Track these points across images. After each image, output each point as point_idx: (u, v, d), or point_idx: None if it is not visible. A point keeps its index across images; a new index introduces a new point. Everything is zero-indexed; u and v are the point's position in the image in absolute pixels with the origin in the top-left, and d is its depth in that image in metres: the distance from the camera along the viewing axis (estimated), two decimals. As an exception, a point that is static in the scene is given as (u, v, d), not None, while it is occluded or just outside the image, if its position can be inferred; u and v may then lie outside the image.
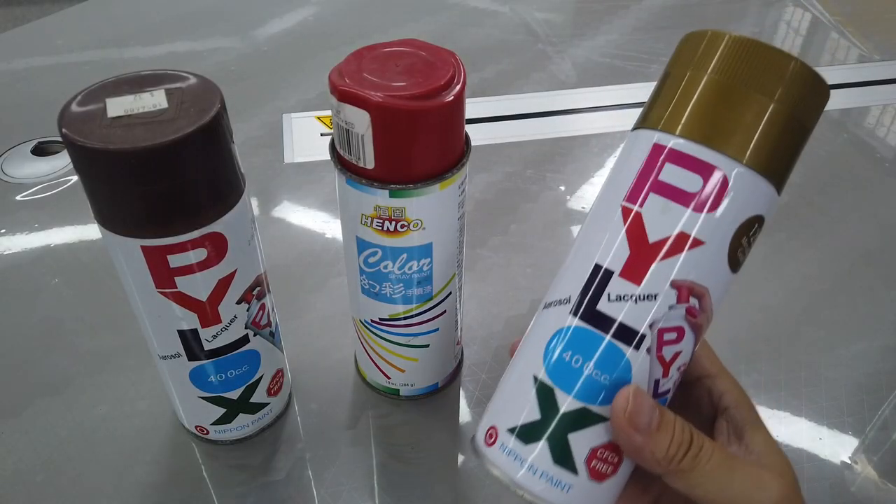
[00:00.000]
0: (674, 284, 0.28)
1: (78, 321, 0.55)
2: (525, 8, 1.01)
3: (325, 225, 0.64)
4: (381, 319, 0.43)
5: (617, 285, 0.28)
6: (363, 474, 0.45)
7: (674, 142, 0.28)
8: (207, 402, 0.42)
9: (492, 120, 0.78)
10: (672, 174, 0.28)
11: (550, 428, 0.28)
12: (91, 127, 0.31)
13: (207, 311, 0.38)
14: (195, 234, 0.34)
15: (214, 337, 0.39)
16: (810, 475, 0.45)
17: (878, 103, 0.82)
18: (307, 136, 0.74)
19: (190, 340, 0.39)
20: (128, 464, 0.45)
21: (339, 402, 0.49)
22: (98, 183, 0.33)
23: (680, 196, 0.28)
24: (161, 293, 0.36)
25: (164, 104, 0.33)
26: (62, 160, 0.70)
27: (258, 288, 0.40)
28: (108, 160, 0.31)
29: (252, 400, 0.44)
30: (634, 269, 0.28)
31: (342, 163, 0.37)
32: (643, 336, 0.28)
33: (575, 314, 0.29)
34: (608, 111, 0.80)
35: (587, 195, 0.67)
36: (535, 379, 0.29)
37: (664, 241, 0.28)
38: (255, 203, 0.65)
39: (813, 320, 0.56)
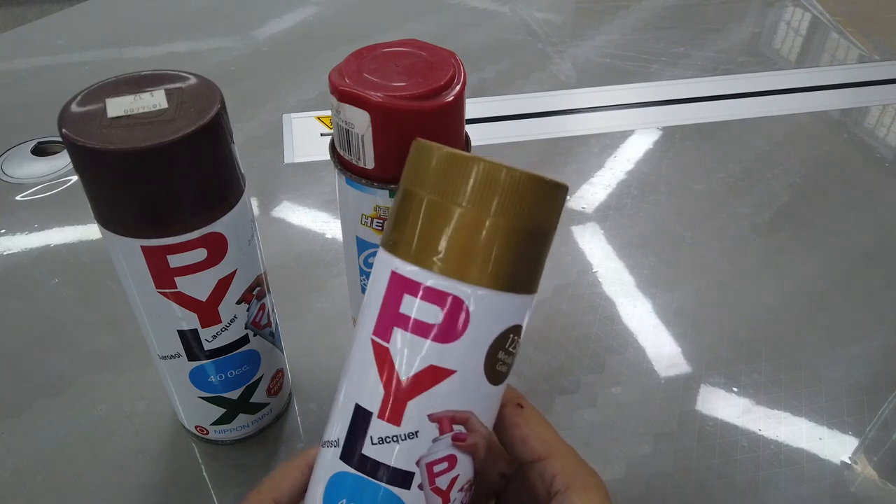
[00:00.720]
0: (432, 418, 0.26)
1: (78, 321, 0.55)
2: (525, 8, 1.01)
3: (325, 225, 0.64)
4: (380, 319, 0.43)
5: (377, 428, 0.27)
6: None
7: (407, 270, 0.26)
8: (207, 402, 0.42)
9: (492, 120, 0.78)
10: (411, 306, 0.26)
11: None
12: (91, 127, 0.31)
13: (207, 311, 0.38)
14: (195, 234, 0.34)
15: (214, 337, 0.39)
16: (810, 475, 0.45)
17: (878, 103, 0.82)
18: (307, 136, 0.74)
19: (190, 340, 0.39)
20: (128, 464, 0.45)
21: (339, 402, 0.49)
22: (98, 183, 0.33)
23: (421, 328, 0.26)
24: (161, 293, 0.36)
25: (164, 104, 0.33)
26: (62, 160, 0.70)
27: (258, 288, 0.40)
28: (108, 160, 0.31)
29: (252, 400, 0.44)
30: (392, 410, 0.26)
31: (342, 163, 0.37)
32: (412, 474, 0.26)
33: (343, 459, 0.27)
34: (608, 111, 0.80)
35: (587, 195, 0.67)
36: None
37: (414, 377, 0.26)
38: (255, 203, 0.65)
39: (813, 320, 0.56)
